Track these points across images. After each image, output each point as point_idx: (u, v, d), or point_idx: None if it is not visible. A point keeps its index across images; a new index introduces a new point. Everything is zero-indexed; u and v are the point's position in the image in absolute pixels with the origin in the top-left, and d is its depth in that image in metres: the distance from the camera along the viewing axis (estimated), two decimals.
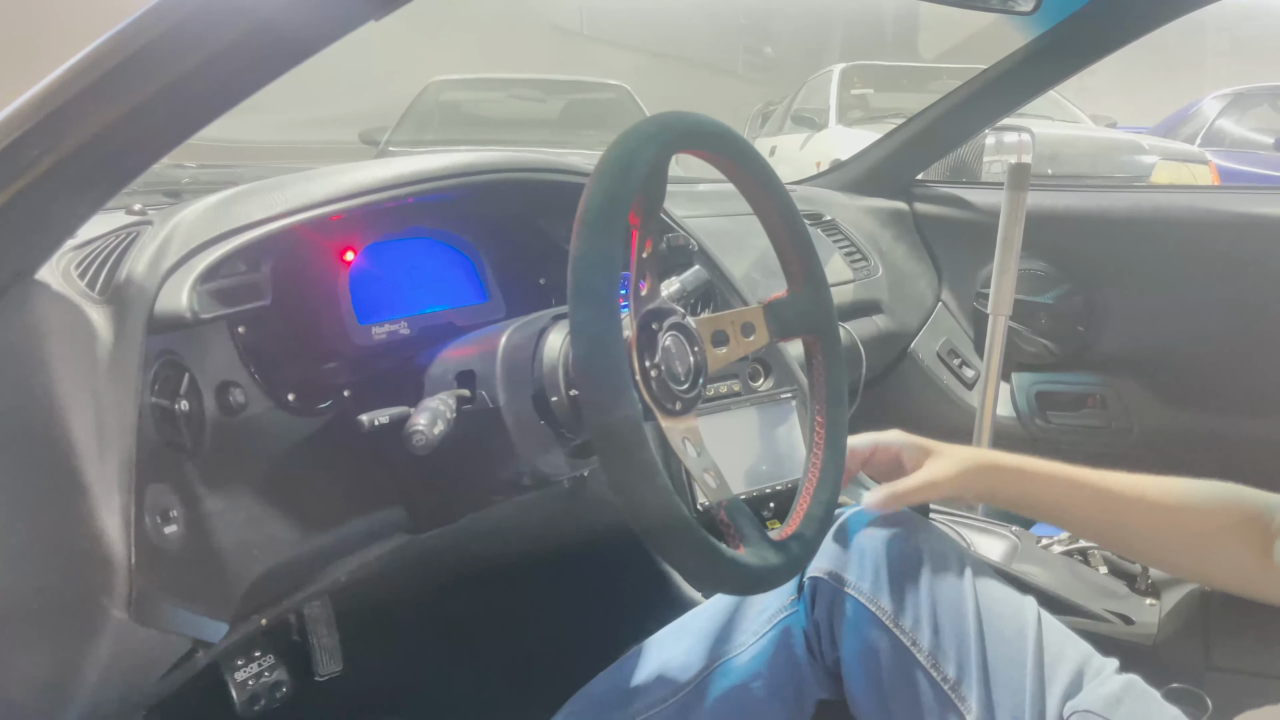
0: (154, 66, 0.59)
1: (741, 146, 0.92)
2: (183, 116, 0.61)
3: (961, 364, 2.06)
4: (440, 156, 0.99)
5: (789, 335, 0.98)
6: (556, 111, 6.01)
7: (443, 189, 0.96)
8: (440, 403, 0.87)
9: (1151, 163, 5.37)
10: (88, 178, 0.62)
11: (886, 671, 0.97)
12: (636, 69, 9.58)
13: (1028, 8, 1.23)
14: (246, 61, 0.60)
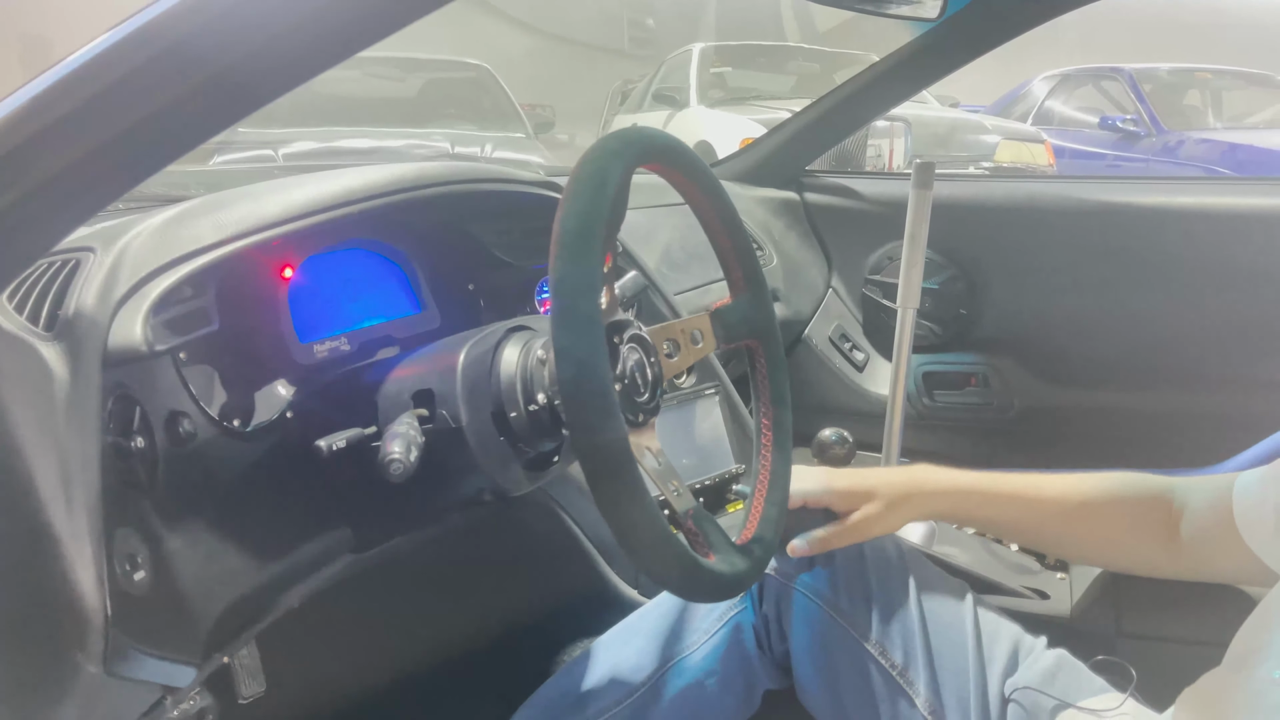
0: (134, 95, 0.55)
1: (691, 158, 0.94)
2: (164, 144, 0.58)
3: (852, 348, 2.15)
4: (387, 169, 0.96)
5: (734, 341, 1.00)
6: (415, 91, 5.86)
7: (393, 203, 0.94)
8: (409, 427, 0.85)
9: (994, 142, 5.68)
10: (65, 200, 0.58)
11: (836, 661, 1.01)
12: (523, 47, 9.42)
13: (933, 14, 1.28)
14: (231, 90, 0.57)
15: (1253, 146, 6.15)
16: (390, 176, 0.95)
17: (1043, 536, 1.08)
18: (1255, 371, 1.86)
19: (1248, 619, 0.82)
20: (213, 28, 0.53)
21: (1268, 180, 2.66)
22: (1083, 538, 1.04)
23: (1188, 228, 1.86)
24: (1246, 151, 6.11)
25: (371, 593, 1.14)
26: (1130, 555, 1.04)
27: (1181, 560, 1.00)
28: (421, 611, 1.27)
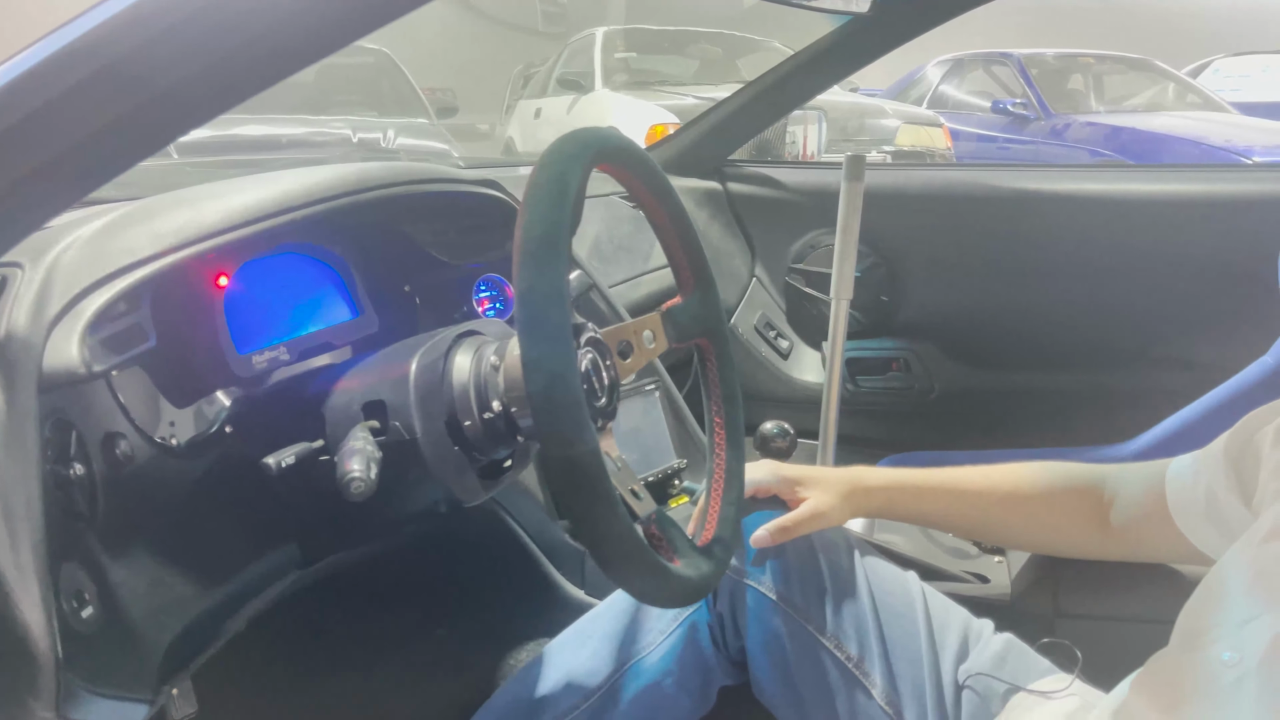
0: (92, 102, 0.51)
1: (643, 159, 0.93)
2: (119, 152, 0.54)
3: (777, 336, 2.17)
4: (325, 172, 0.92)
5: (685, 340, 1.00)
6: (311, 77, 5.68)
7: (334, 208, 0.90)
8: (364, 441, 0.83)
9: (895, 126, 5.80)
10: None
11: (792, 656, 1.02)
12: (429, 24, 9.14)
13: (864, 8, 1.29)
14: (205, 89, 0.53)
15: (1134, 129, 6.42)
16: (330, 180, 0.92)
17: (978, 526, 1.12)
18: (1160, 350, 1.95)
19: (1190, 599, 0.85)
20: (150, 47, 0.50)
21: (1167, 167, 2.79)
22: (1017, 525, 1.08)
23: (1095, 213, 1.93)
24: (1129, 134, 6.37)
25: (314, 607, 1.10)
26: (1064, 540, 1.08)
27: (1114, 544, 1.04)
28: (366, 622, 1.24)
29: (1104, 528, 1.04)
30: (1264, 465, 0.87)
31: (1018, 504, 1.06)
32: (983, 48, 7.76)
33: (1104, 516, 1.04)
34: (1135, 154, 6.17)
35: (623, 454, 1.35)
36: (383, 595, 1.23)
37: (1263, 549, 0.77)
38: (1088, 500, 1.05)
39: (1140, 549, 1.03)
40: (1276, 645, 0.69)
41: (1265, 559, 0.76)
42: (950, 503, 1.08)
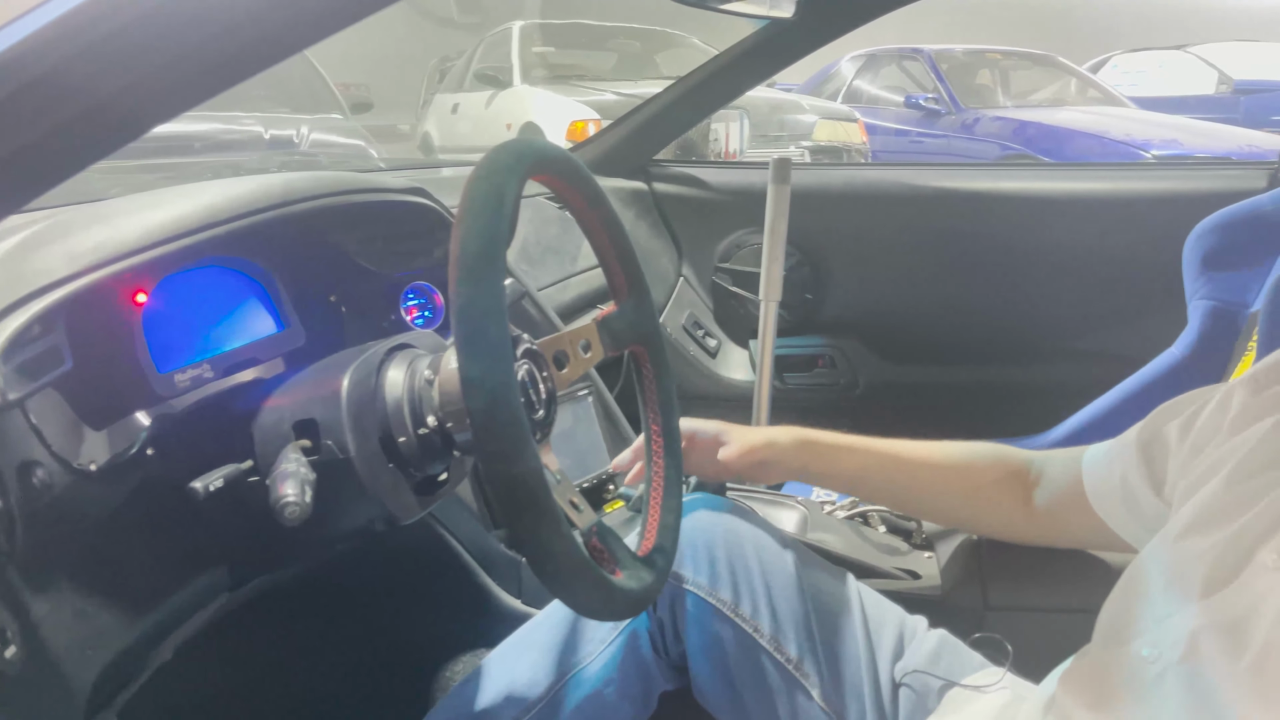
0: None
1: (577, 168, 0.92)
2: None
3: (705, 335, 2.18)
4: (249, 184, 0.89)
5: (621, 347, 0.99)
6: None
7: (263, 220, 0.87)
8: (296, 463, 0.80)
9: (812, 121, 5.88)
10: None
11: (733, 659, 1.02)
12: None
13: (788, 13, 1.30)
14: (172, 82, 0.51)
15: (1040, 124, 6.61)
16: (255, 192, 0.89)
17: (910, 495, 1.15)
18: (1075, 343, 2.02)
19: (1111, 595, 0.88)
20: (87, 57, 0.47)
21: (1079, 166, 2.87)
22: (948, 497, 1.11)
23: (1012, 210, 1.98)
24: (1035, 128, 6.56)
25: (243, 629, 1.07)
26: (990, 517, 1.11)
27: (1037, 528, 1.08)
28: (298, 642, 1.21)
29: (1029, 509, 1.07)
30: (1172, 457, 0.90)
31: (952, 475, 1.10)
32: (895, 43, 7.91)
33: (1029, 498, 1.07)
34: (1041, 148, 6.36)
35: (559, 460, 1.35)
36: (314, 613, 1.20)
37: (1177, 546, 0.80)
38: (1016, 480, 1.08)
39: (1062, 534, 1.07)
40: (1194, 642, 0.72)
41: (1180, 557, 0.79)
42: (892, 469, 1.11)
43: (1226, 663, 0.68)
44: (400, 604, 1.28)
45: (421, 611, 1.29)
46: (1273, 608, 0.67)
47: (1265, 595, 0.69)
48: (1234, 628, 0.70)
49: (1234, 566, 0.73)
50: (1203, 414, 0.89)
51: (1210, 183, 2.01)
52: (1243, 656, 0.68)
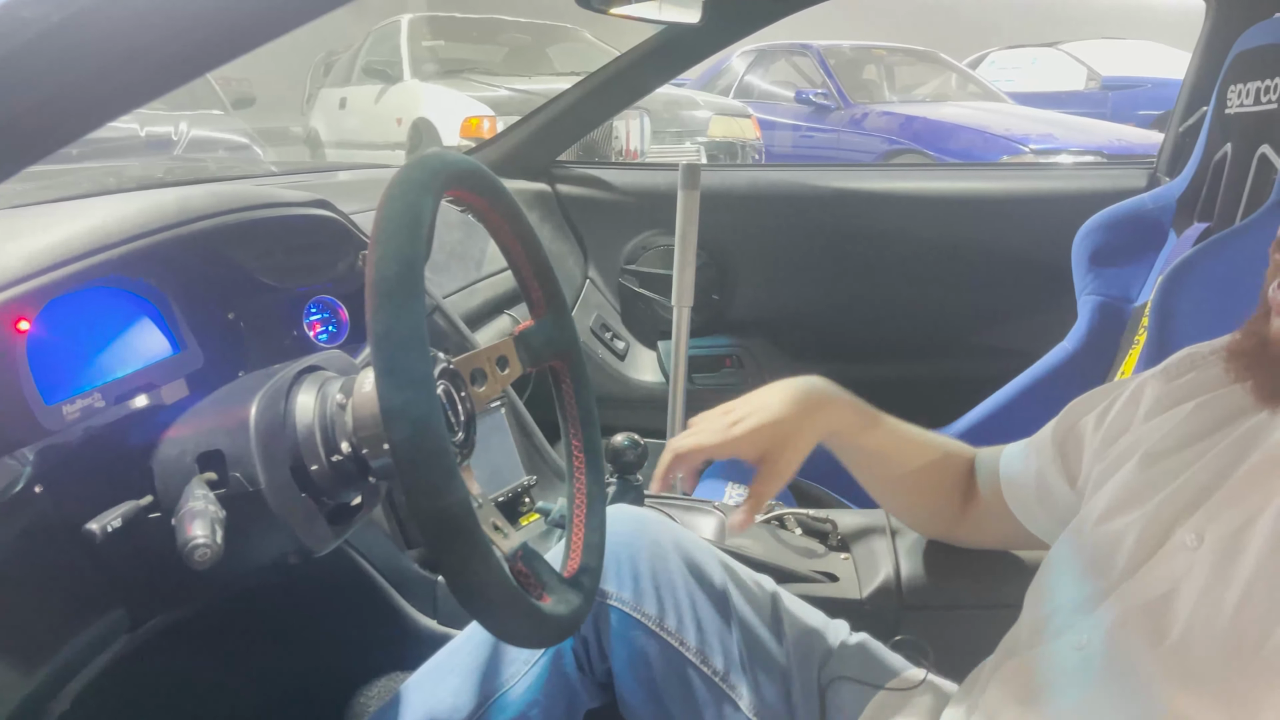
0: None
1: (492, 182, 0.89)
2: None
3: (613, 337, 2.17)
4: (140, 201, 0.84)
5: (539, 363, 0.97)
6: None
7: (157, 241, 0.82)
8: (205, 501, 0.75)
9: (707, 117, 5.92)
10: None
11: (659, 674, 1.01)
12: None
13: (694, 20, 1.30)
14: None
15: (925, 119, 6.81)
16: (148, 211, 0.83)
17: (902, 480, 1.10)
18: (973, 338, 2.08)
19: (1031, 587, 0.90)
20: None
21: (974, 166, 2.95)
22: (928, 488, 1.09)
23: (911, 210, 2.03)
24: (920, 123, 6.75)
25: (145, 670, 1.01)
26: (939, 517, 1.12)
27: (966, 528, 1.09)
28: (204, 676, 1.15)
29: (964, 505, 1.09)
30: (1087, 449, 0.93)
31: (943, 466, 1.08)
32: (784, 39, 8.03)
33: (968, 495, 1.09)
34: (927, 142, 6.54)
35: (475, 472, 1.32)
36: (219, 646, 1.15)
37: (1095, 531, 0.82)
38: (966, 479, 1.09)
39: (986, 534, 1.09)
40: (1117, 628, 0.74)
41: (1098, 540, 0.81)
42: (900, 445, 1.07)
43: (1150, 646, 0.71)
44: (310, 630, 1.23)
45: (332, 637, 1.24)
46: (1192, 588, 0.70)
47: (1184, 576, 0.71)
48: (1155, 610, 0.72)
49: (1152, 546, 0.75)
50: (1115, 407, 0.92)
51: (1094, 182, 2.09)
52: (1165, 639, 0.70)
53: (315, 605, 1.22)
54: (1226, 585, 0.68)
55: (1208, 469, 0.76)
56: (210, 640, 1.12)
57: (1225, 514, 0.72)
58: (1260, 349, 0.70)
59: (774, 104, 7.77)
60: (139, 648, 0.93)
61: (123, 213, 0.81)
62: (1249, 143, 1.49)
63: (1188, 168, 1.70)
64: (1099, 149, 6.11)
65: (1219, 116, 1.58)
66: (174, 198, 0.88)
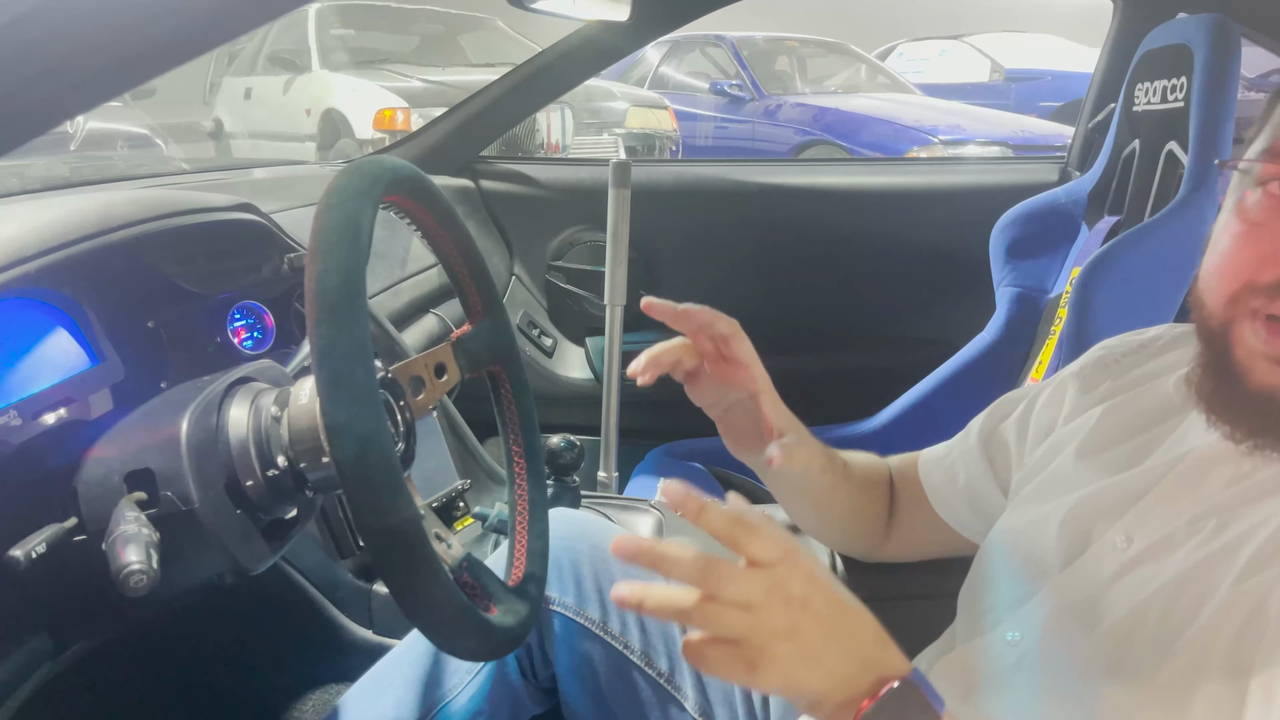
0: None
1: (429, 187, 0.87)
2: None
3: (540, 334, 2.15)
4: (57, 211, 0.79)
5: (478, 368, 0.96)
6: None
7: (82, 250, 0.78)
8: (136, 524, 0.72)
9: (624, 108, 5.92)
10: None
11: (604, 678, 1.01)
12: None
13: (623, 17, 1.29)
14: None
15: (838, 110, 6.91)
16: (67, 221, 0.79)
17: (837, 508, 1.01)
18: (895, 330, 2.12)
19: (966, 582, 0.91)
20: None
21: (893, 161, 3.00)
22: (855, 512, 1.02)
23: (832, 205, 2.06)
24: (833, 114, 6.85)
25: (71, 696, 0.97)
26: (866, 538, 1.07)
27: (893, 543, 1.09)
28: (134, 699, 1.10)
29: (889, 528, 1.07)
30: (1014, 454, 0.95)
31: (882, 490, 1.04)
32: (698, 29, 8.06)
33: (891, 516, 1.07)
34: (839, 133, 6.64)
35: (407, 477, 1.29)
36: (149, 666, 1.10)
37: (1026, 526, 0.84)
38: (887, 495, 1.06)
39: (914, 546, 1.06)
40: (1052, 623, 0.76)
41: (1030, 536, 0.83)
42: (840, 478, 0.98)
43: (1082, 640, 0.72)
44: (242, 646, 1.20)
45: (265, 652, 1.21)
46: (1125, 587, 0.72)
47: (1116, 576, 0.73)
48: (1087, 607, 0.73)
49: (1081, 544, 0.77)
50: (1035, 407, 0.94)
51: (1009, 176, 2.15)
52: (1097, 633, 0.72)
53: (246, 620, 1.18)
54: (1156, 584, 0.70)
55: (1133, 470, 0.78)
56: (138, 661, 1.08)
57: (1155, 516, 0.73)
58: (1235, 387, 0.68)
59: (689, 95, 7.79)
60: (63, 674, 0.89)
61: (40, 222, 0.77)
62: (1156, 139, 1.54)
63: (1098, 163, 1.76)
64: (1005, 140, 6.28)
65: (1127, 113, 1.64)
66: (95, 206, 0.84)
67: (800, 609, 0.59)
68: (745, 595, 0.58)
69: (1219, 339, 0.68)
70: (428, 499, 1.31)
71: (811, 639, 0.59)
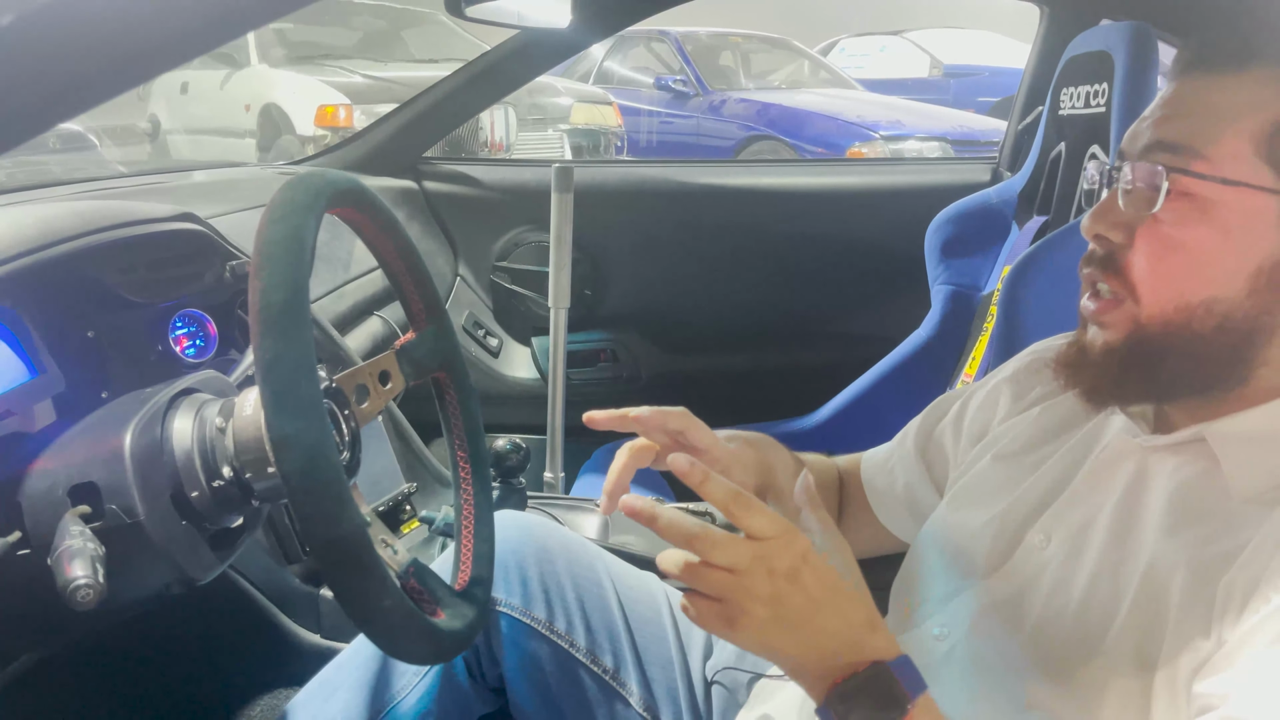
0: None
1: (371, 198, 0.88)
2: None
3: (486, 334, 2.16)
4: None
5: (422, 376, 0.97)
6: None
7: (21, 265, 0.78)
8: (82, 538, 0.73)
9: (568, 104, 5.91)
10: None
11: (551, 677, 1.03)
12: None
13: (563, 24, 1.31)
14: None
15: (781, 106, 6.97)
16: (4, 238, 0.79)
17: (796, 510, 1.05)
18: (837, 327, 2.16)
19: (897, 576, 0.95)
20: None
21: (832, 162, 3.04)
22: None
23: (772, 205, 2.10)
24: (776, 110, 6.91)
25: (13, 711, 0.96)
26: None
27: None
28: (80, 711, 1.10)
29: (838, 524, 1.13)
30: (950, 457, 0.99)
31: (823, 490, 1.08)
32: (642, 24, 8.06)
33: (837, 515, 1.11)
34: (783, 128, 6.70)
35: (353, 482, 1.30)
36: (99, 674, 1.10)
37: (952, 525, 0.87)
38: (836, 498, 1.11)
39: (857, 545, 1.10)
40: (978, 619, 0.79)
41: (957, 534, 0.86)
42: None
43: (1007, 637, 0.76)
44: (189, 653, 1.20)
45: (213, 658, 1.21)
46: (1044, 585, 0.75)
47: (1037, 574, 0.77)
48: (1010, 605, 0.77)
49: (1007, 546, 0.81)
50: (969, 410, 0.98)
51: (943, 176, 2.21)
52: (1020, 632, 0.75)
53: (194, 627, 1.19)
54: (1072, 581, 0.73)
55: (1053, 472, 0.82)
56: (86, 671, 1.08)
57: (1069, 514, 0.78)
58: (1081, 357, 0.76)
59: (634, 90, 7.81)
60: (9, 686, 0.89)
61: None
62: (1081, 142, 1.60)
63: (1027, 164, 1.81)
64: (944, 135, 6.40)
65: (1053, 116, 1.69)
66: (33, 220, 0.84)
67: (786, 580, 0.64)
68: (731, 561, 0.63)
69: None
70: (374, 503, 1.32)
71: (793, 608, 0.64)
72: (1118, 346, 0.72)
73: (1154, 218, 0.69)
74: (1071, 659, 0.71)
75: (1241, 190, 0.67)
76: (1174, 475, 0.72)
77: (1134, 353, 0.71)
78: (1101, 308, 0.73)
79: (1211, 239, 0.68)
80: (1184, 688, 0.64)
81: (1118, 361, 0.72)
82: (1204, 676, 0.62)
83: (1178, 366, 0.70)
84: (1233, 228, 0.67)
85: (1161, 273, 0.70)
